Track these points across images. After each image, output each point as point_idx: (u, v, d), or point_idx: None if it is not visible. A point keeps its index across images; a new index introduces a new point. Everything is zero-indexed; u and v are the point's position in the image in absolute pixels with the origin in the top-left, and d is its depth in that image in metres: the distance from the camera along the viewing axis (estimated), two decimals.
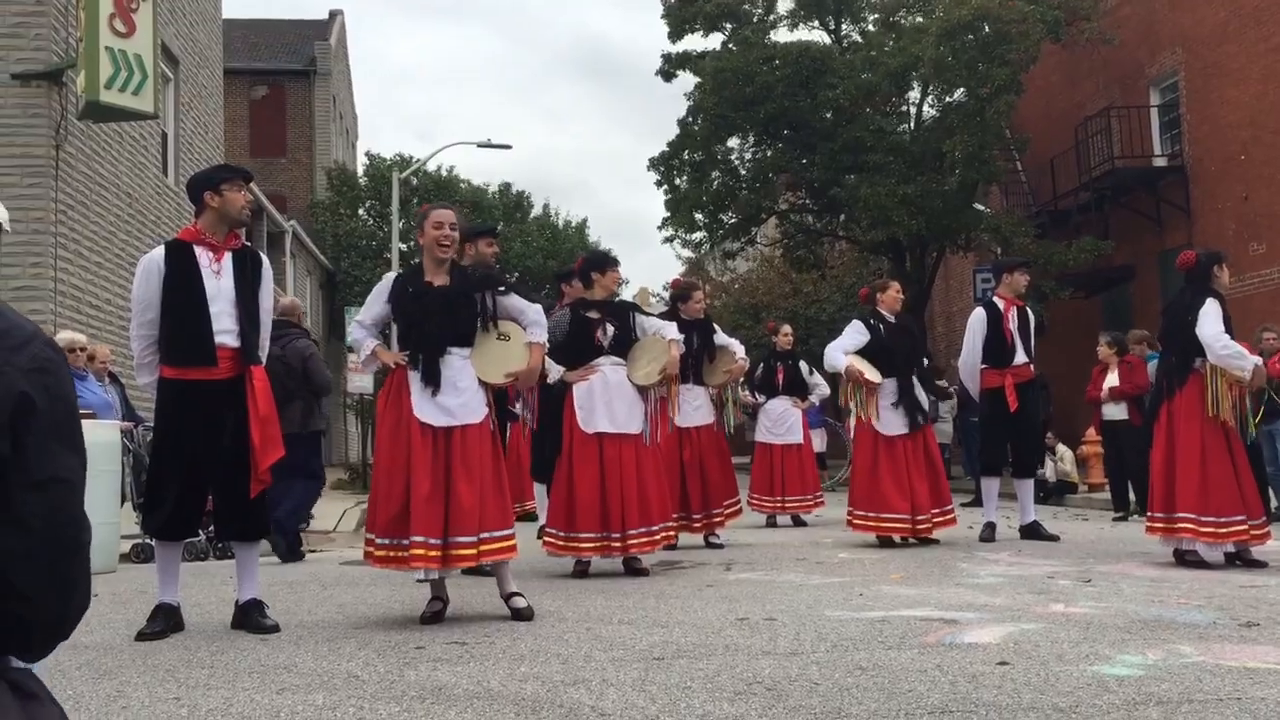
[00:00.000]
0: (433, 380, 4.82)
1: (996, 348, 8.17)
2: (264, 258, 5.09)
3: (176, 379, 4.78)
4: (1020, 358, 8.19)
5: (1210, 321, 6.25)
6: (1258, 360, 6.28)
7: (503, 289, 5.14)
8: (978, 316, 8.30)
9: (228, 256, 4.88)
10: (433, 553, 4.70)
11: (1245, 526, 6.20)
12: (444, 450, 4.80)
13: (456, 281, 5.02)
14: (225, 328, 4.78)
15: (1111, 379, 11.23)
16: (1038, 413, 8.57)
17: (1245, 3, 18.10)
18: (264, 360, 5.00)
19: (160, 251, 4.88)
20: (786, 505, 10.59)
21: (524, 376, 5.17)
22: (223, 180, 4.90)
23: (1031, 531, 8.21)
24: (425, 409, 4.81)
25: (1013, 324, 8.19)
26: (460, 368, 4.92)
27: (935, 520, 7.83)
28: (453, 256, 5.06)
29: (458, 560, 4.78)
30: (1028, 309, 8.49)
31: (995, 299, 8.38)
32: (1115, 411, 11.11)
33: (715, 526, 8.09)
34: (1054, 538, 8.10)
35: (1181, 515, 6.28)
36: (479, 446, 4.87)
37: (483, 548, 4.79)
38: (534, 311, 5.18)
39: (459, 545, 4.74)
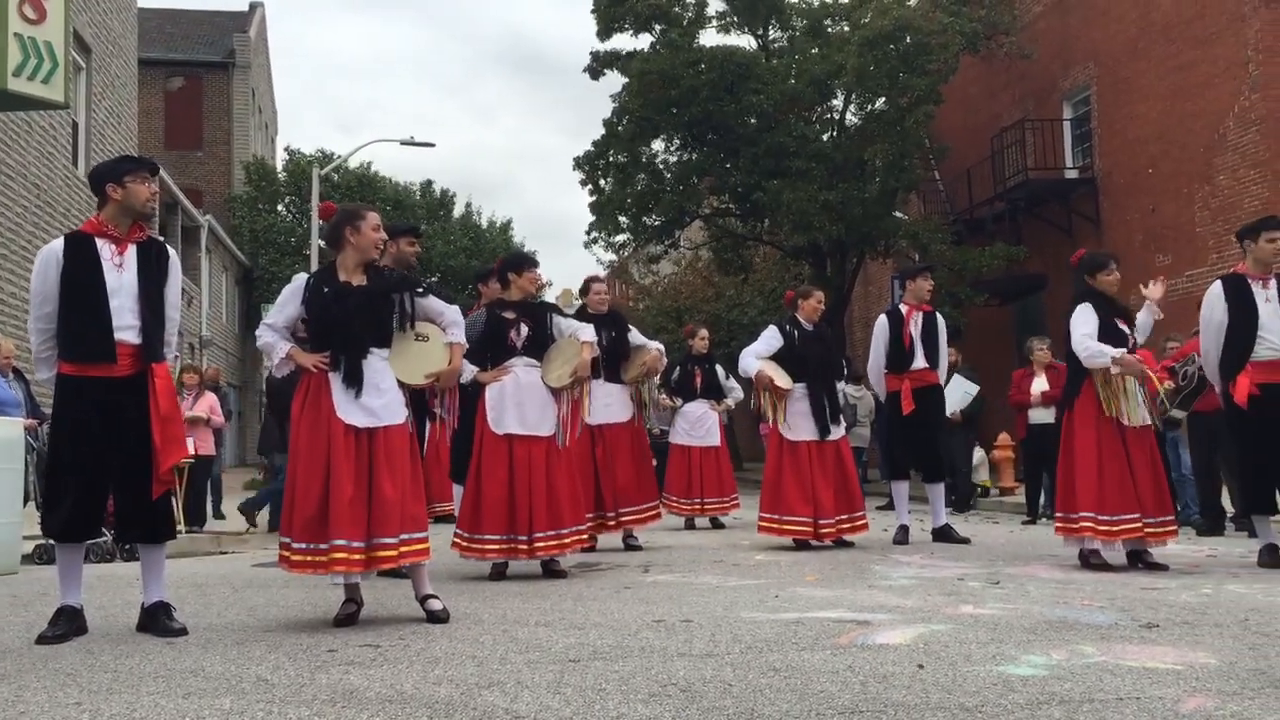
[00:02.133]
0: (355, 382, 4.77)
1: (896, 353, 8.34)
2: (172, 251, 4.95)
3: (75, 375, 4.63)
4: (919, 363, 8.34)
5: (1076, 326, 6.49)
6: (1118, 352, 6.41)
7: (420, 290, 5.12)
8: (880, 323, 8.49)
9: (131, 249, 4.74)
10: (355, 555, 4.65)
11: (1139, 524, 6.37)
12: (367, 451, 4.76)
13: (374, 282, 4.96)
14: (126, 323, 4.64)
15: (1040, 383, 11.40)
16: (941, 417, 8.69)
17: (1155, 21, 18.64)
18: (169, 357, 4.87)
19: (59, 243, 4.72)
20: (705, 508, 10.65)
21: (445, 377, 5.17)
22: (126, 172, 4.74)
23: (943, 534, 8.36)
24: (348, 410, 4.75)
25: (914, 329, 8.34)
26: (381, 369, 4.88)
27: (842, 526, 7.93)
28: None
29: (380, 561, 4.73)
30: (936, 314, 8.61)
31: (900, 305, 8.55)
32: (1042, 416, 11.21)
33: (629, 525, 8.00)
34: (965, 540, 8.26)
35: (1081, 514, 6.48)
36: (400, 447, 4.85)
37: (403, 549, 4.76)
38: (452, 312, 5.18)
39: (382, 546, 4.71)
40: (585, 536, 6.62)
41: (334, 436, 4.71)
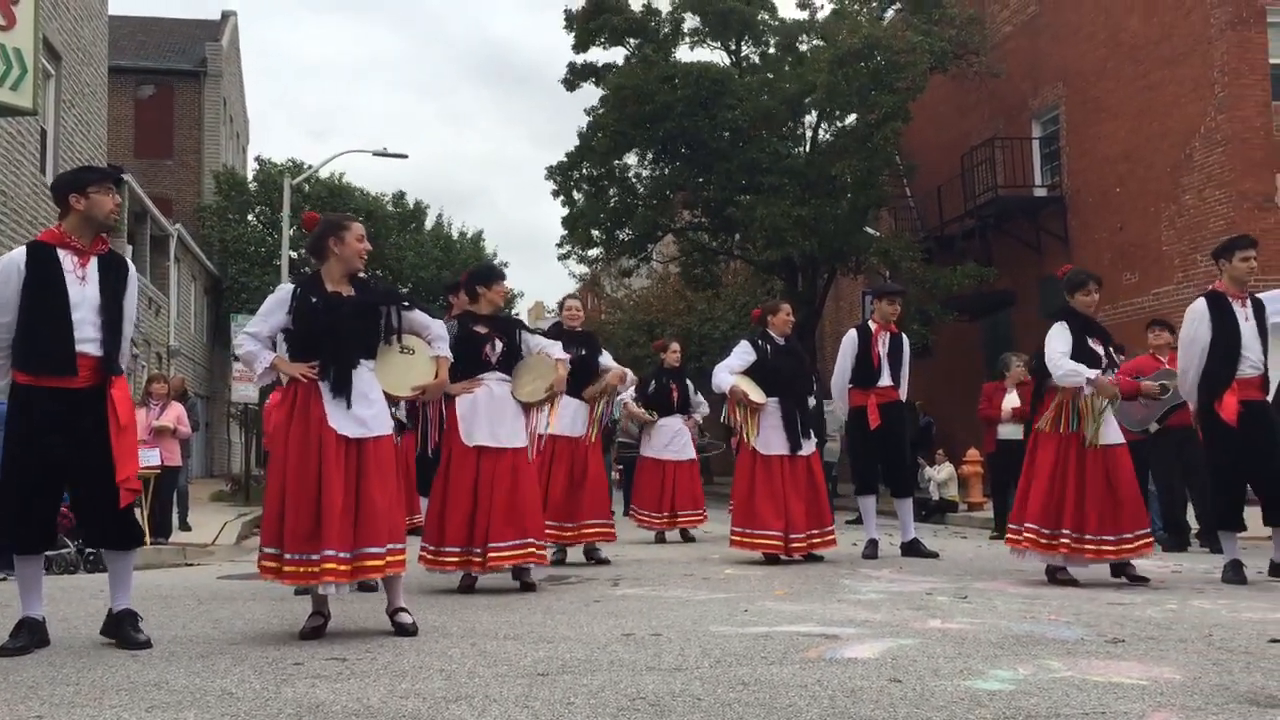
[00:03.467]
0: (345, 393, 4.76)
1: (863, 369, 8.39)
2: (130, 264, 4.91)
3: (29, 385, 4.56)
4: (885, 380, 8.39)
5: (1052, 343, 6.53)
6: (1093, 374, 6.42)
7: (407, 304, 5.12)
8: (849, 338, 8.55)
9: (93, 262, 4.67)
10: (343, 566, 4.64)
11: (1045, 536, 6.42)
12: (355, 461, 4.76)
13: (361, 293, 4.97)
14: (88, 336, 4.58)
15: (1012, 399, 11.43)
16: (905, 433, 8.75)
17: (1123, 41, 18.88)
18: (124, 369, 4.81)
19: (20, 252, 4.65)
20: (678, 520, 10.67)
21: (431, 389, 5.21)
22: (90, 182, 4.68)
23: (912, 549, 8.40)
24: (340, 420, 4.74)
25: (882, 348, 8.40)
26: (369, 380, 4.90)
27: (814, 540, 7.93)
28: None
29: (366, 571, 4.73)
30: (903, 335, 8.69)
31: (869, 323, 8.61)
32: (1011, 431, 11.25)
33: (550, 540, 7.63)
34: (934, 555, 8.30)
35: (1025, 526, 6.58)
36: (388, 457, 4.87)
37: (389, 558, 4.75)
38: (438, 326, 5.24)
39: (369, 556, 4.70)
40: (544, 552, 6.56)
41: (325, 446, 4.69)
